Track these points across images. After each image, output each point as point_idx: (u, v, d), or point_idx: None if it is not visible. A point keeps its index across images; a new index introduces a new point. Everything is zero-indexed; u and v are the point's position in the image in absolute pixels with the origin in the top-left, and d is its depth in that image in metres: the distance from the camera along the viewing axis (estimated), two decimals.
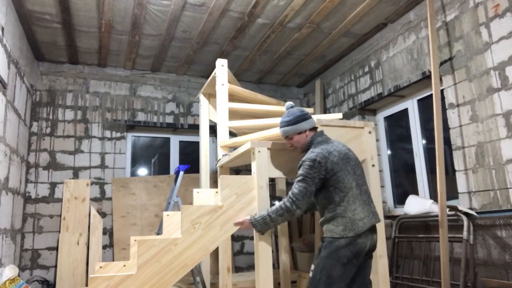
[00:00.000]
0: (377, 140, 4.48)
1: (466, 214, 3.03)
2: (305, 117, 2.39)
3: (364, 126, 2.76)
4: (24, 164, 4.28)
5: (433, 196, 3.69)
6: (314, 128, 2.42)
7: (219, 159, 3.35)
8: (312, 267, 2.16)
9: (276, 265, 4.84)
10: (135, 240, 2.94)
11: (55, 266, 4.25)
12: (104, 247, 4.49)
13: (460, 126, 3.27)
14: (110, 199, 4.66)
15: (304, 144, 2.37)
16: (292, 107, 2.50)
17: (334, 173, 2.18)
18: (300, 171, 2.22)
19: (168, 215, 3.07)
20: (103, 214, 4.58)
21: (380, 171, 4.37)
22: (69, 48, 4.38)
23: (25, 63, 4.08)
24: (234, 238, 5.06)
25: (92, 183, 4.61)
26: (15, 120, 3.77)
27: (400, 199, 4.29)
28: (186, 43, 4.35)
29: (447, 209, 3.06)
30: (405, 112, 4.25)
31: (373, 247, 2.23)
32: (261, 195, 2.41)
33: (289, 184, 4.86)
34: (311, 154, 2.24)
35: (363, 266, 2.23)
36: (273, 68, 5.16)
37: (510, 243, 2.80)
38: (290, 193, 2.22)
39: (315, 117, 2.55)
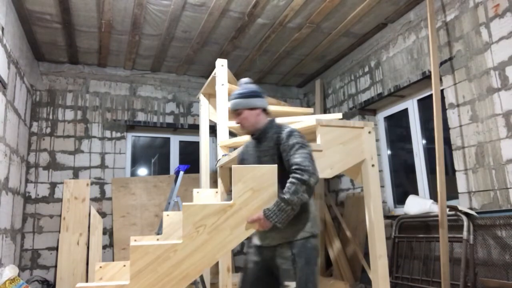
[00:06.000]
0: (377, 140, 4.48)
1: (466, 214, 3.03)
2: (260, 94, 2.13)
3: (364, 126, 2.76)
4: (24, 164, 4.28)
5: (433, 196, 3.69)
6: (266, 112, 2.13)
7: (219, 159, 3.35)
8: (291, 285, 1.80)
9: None
10: (135, 240, 2.94)
11: (55, 266, 4.25)
12: (104, 247, 4.49)
13: (460, 126, 3.27)
14: (110, 199, 4.66)
15: (253, 124, 2.04)
16: (247, 83, 2.19)
17: None
18: (293, 140, 1.89)
19: (168, 215, 3.07)
20: (103, 214, 4.58)
21: (380, 171, 4.36)
22: (69, 48, 4.38)
23: (25, 63, 4.08)
24: None
25: (92, 183, 4.60)
26: (15, 120, 3.77)
27: (400, 199, 4.29)
28: (186, 43, 4.35)
29: (447, 209, 3.06)
30: (405, 112, 4.25)
31: None
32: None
33: None
34: (287, 128, 1.98)
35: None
36: (273, 68, 5.16)
37: (510, 243, 2.80)
38: (294, 166, 1.83)
39: (314, 117, 2.55)
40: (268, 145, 2.00)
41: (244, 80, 2.22)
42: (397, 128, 4.53)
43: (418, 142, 4.03)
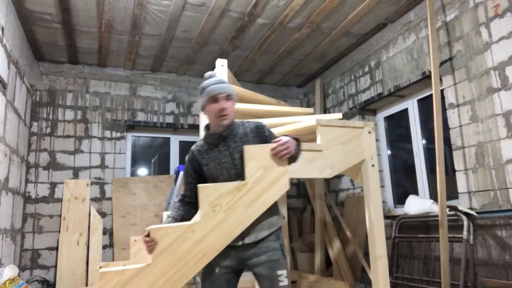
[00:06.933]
0: (377, 140, 4.48)
1: (466, 214, 3.03)
2: None
3: (363, 126, 2.76)
4: (24, 164, 4.28)
5: (433, 196, 3.69)
6: None
7: None
8: (284, 273, 1.79)
9: None
10: (135, 240, 2.95)
11: (55, 266, 4.25)
12: (104, 247, 4.49)
13: (460, 126, 3.27)
14: (110, 199, 4.66)
15: (231, 118, 1.92)
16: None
17: None
18: (269, 134, 1.94)
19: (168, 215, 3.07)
20: (103, 214, 4.58)
21: (380, 171, 4.36)
22: (69, 48, 4.38)
23: (25, 63, 4.08)
24: None
25: (92, 183, 4.60)
26: (15, 120, 3.77)
27: (400, 199, 4.29)
28: (186, 43, 4.35)
29: (447, 209, 3.06)
30: (405, 112, 4.25)
31: None
32: None
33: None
34: (257, 122, 1.97)
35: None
36: (273, 68, 5.16)
37: (510, 243, 2.80)
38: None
39: (314, 117, 2.54)
40: (244, 140, 1.90)
41: (212, 72, 2.05)
42: (397, 128, 4.53)
43: (418, 142, 4.03)
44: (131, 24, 3.87)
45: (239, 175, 1.83)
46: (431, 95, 3.30)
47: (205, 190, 1.76)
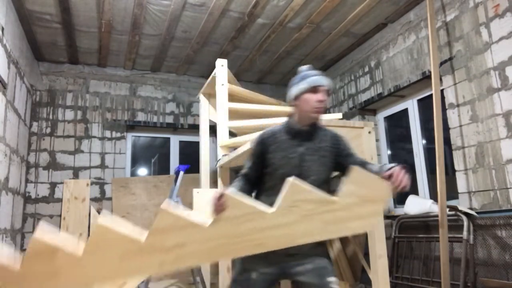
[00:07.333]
0: (377, 140, 4.48)
1: (466, 214, 3.03)
2: None
3: (363, 126, 2.76)
4: (24, 164, 4.28)
5: (433, 196, 3.69)
6: None
7: (219, 159, 3.35)
8: (334, 280, 1.74)
9: None
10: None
11: None
12: None
13: (460, 126, 3.27)
14: (110, 199, 4.66)
15: (323, 113, 1.86)
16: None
17: None
18: (344, 147, 1.87)
19: None
20: None
21: None
22: (69, 48, 4.38)
23: (25, 63, 4.08)
24: None
25: (92, 183, 4.60)
26: (15, 120, 3.77)
27: (400, 199, 4.28)
28: (186, 43, 4.35)
29: (447, 209, 3.05)
30: (405, 112, 4.25)
31: None
32: None
33: None
34: (334, 132, 1.90)
35: None
36: (273, 68, 5.16)
37: (510, 243, 2.80)
38: (363, 161, 1.86)
39: None
40: (320, 145, 1.80)
41: (309, 66, 1.92)
42: (397, 128, 4.53)
43: (418, 142, 4.03)
44: (131, 24, 3.87)
45: (302, 177, 1.66)
46: (431, 95, 3.30)
47: (296, 186, 1.61)
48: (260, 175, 1.84)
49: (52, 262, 1.40)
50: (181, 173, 3.79)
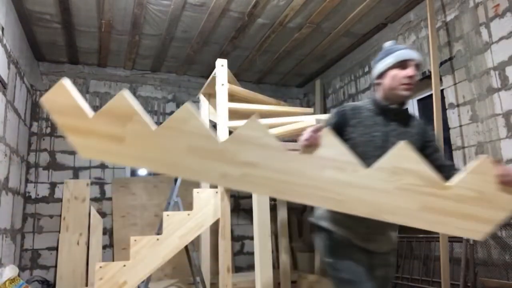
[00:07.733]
0: None
1: None
2: None
3: None
4: (24, 164, 4.28)
5: None
6: None
7: None
8: None
9: (276, 265, 4.84)
10: (135, 240, 2.94)
11: (55, 266, 4.25)
12: (104, 247, 4.49)
13: (460, 126, 3.27)
14: (110, 199, 4.66)
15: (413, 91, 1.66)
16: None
17: None
18: (433, 138, 1.70)
19: (168, 215, 3.07)
20: (103, 214, 4.58)
21: None
22: (69, 48, 4.38)
23: (25, 63, 4.08)
24: (234, 238, 5.06)
25: (92, 183, 4.60)
26: (15, 120, 3.77)
27: None
28: (186, 43, 4.35)
29: None
30: None
31: None
32: None
33: None
34: (421, 120, 1.74)
35: None
36: (273, 68, 5.16)
37: (510, 243, 2.80)
38: (452, 164, 1.70)
39: (314, 117, 2.54)
40: (407, 129, 1.61)
41: (393, 42, 1.80)
42: None
43: None
44: (131, 24, 3.87)
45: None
46: (431, 95, 3.30)
47: (407, 151, 1.38)
48: None
49: (124, 126, 1.31)
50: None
